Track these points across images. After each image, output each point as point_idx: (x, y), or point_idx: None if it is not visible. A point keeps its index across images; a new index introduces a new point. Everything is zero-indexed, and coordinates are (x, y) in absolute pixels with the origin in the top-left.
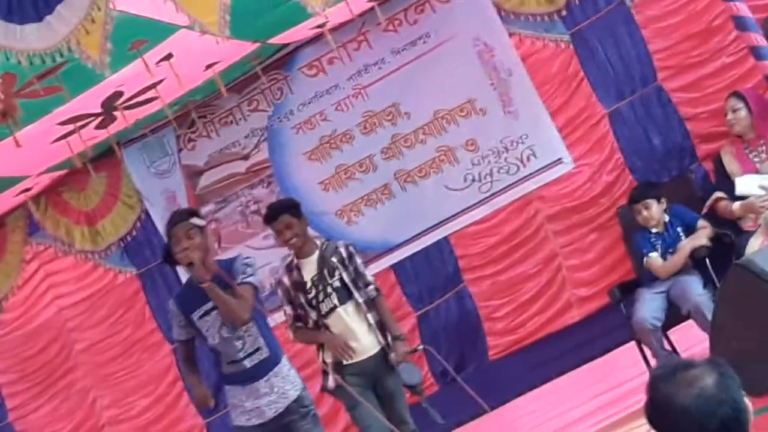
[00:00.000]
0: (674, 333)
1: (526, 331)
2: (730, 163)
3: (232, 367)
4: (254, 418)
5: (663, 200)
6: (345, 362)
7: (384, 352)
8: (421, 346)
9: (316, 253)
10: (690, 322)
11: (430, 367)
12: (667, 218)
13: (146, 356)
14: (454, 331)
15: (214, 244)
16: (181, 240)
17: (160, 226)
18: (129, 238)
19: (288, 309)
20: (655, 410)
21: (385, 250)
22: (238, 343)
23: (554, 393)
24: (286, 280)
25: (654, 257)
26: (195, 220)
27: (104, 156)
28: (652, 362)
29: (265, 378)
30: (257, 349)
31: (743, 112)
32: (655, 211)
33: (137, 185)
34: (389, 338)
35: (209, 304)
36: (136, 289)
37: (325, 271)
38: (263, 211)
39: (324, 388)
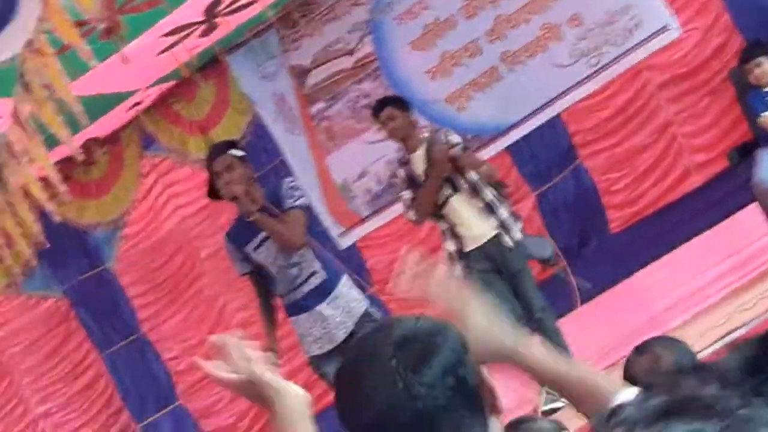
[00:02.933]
0: None
1: (646, 201)
2: None
3: (292, 296)
4: (326, 344)
5: None
6: (466, 250)
7: (500, 235)
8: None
9: (423, 147)
10: None
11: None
12: None
13: None
14: (573, 207)
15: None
16: (222, 174)
17: (272, 128)
18: (243, 144)
19: (406, 194)
20: None
21: (498, 133)
22: (294, 270)
23: (679, 261)
24: (402, 172)
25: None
26: (233, 152)
27: (210, 65)
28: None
29: (326, 301)
30: (313, 273)
31: None
32: (767, 69)
33: (246, 90)
34: (503, 217)
35: (262, 235)
36: None
37: None
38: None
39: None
